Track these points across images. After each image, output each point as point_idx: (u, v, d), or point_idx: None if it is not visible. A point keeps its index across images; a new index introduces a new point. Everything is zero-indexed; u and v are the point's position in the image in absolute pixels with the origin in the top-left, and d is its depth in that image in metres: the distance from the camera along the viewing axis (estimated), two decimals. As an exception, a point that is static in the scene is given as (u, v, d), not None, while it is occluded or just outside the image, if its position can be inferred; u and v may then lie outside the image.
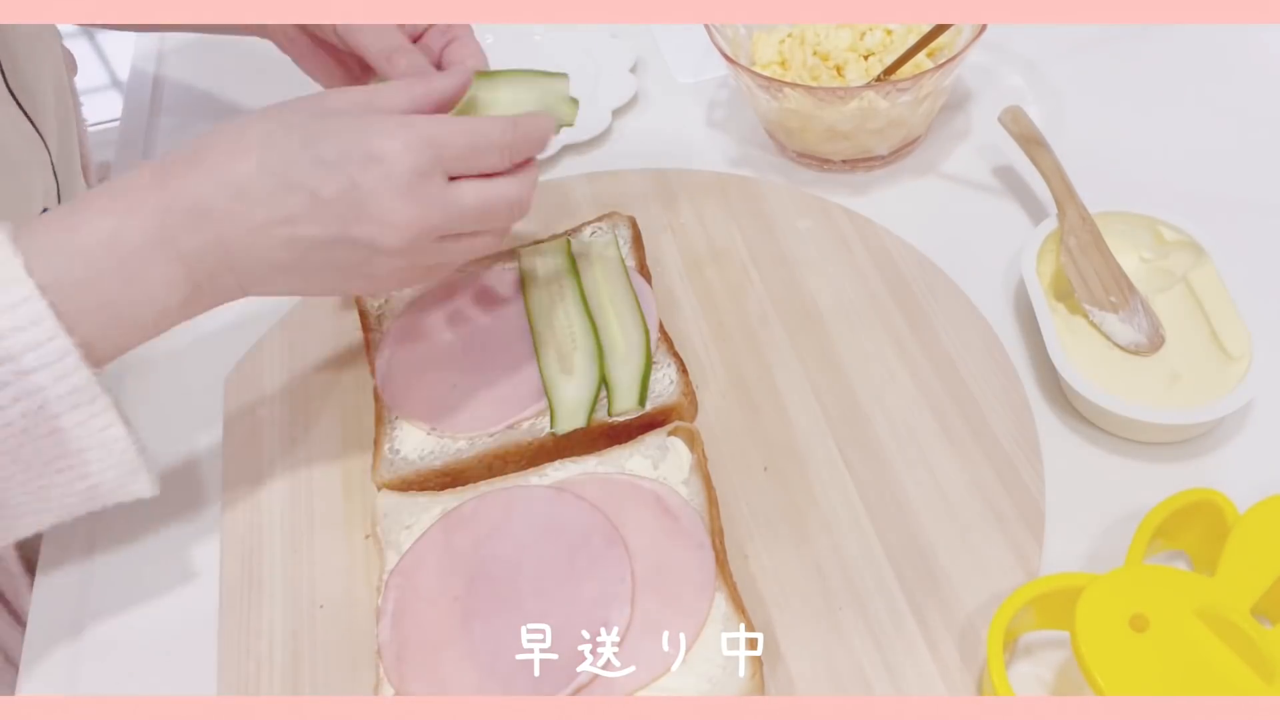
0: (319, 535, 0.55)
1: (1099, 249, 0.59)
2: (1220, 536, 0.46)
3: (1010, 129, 0.66)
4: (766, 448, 0.56)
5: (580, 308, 0.59)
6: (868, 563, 0.51)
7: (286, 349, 0.64)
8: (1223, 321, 0.55)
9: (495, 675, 0.47)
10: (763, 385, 0.58)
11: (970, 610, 0.49)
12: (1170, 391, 0.53)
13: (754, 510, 0.53)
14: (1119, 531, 0.51)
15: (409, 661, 0.48)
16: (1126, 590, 0.43)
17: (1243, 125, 0.70)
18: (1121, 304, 0.57)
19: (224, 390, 0.62)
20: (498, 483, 0.53)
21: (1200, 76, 0.73)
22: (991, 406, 0.56)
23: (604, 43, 0.81)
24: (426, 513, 0.52)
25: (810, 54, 0.69)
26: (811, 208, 0.67)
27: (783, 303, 0.62)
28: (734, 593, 0.48)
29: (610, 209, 0.66)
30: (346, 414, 0.60)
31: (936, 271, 0.62)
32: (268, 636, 0.52)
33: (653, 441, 0.54)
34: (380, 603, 0.50)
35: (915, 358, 0.58)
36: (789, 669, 0.48)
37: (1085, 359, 0.55)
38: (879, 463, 0.54)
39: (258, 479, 0.58)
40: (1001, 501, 0.52)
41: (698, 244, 0.66)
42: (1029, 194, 0.67)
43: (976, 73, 0.74)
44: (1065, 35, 0.77)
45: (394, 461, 0.55)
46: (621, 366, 0.56)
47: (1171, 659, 0.42)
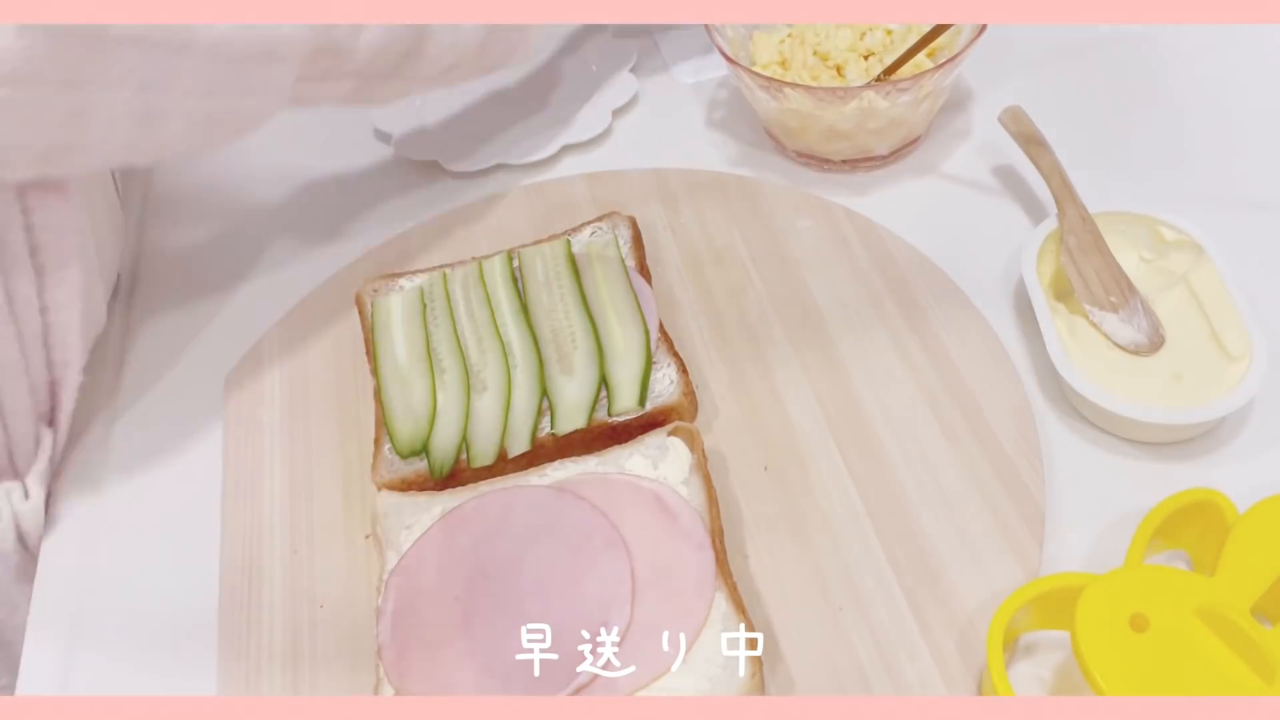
0: (319, 535, 0.55)
1: (1099, 249, 0.59)
2: (1220, 536, 0.46)
3: (1010, 129, 0.66)
4: (766, 448, 0.56)
5: (580, 308, 0.59)
6: (868, 563, 0.51)
7: (286, 349, 0.64)
8: (1223, 321, 0.55)
9: (495, 675, 0.47)
10: (763, 385, 0.58)
11: (970, 610, 0.49)
12: (1170, 391, 0.53)
13: (754, 510, 0.53)
14: (1119, 531, 0.50)
15: (409, 661, 0.48)
16: (1126, 590, 0.43)
17: (1243, 125, 0.70)
18: (1121, 304, 0.57)
19: (224, 390, 0.62)
20: (498, 483, 0.53)
21: (1201, 76, 0.73)
22: (991, 406, 0.56)
23: (604, 43, 0.81)
24: (426, 513, 0.52)
25: (810, 54, 0.69)
26: (811, 208, 0.67)
27: (783, 303, 0.62)
28: (734, 593, 0.48)
29: (610, 209, 0.66)
30: (346, 414, 0.60)
31: (936, 271, 0.62)
32: (268, 636, 0.52)
33: (653, 441, 0.54)
34: (380, 603, 0.50)
35: (915, 358, 0.58)
36: (789, 669, 0.48)
37: (1085, 359, 0.55)
38: (879, 463, 0.54)
39: (258, 479, 0.58)
40: (1001, 501, 0.52)
41: (698, 244, 0.66)
42: (1029, 194, 0.67)
43: (976, 73, 0.74)
44: (1065, 35, 0.77)
45: (394, 462, 0.55)
46: (621, 366, 0.56)
47: (1171, 659, 0.42)
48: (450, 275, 0.62)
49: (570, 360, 0.57)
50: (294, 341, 0.64)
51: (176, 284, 0.70)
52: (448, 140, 0.76)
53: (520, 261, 0.63)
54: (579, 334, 0.58)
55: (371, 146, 0.77)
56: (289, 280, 0.68)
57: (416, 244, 0.68)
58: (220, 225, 0.73)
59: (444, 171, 0.74)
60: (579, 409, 0.55)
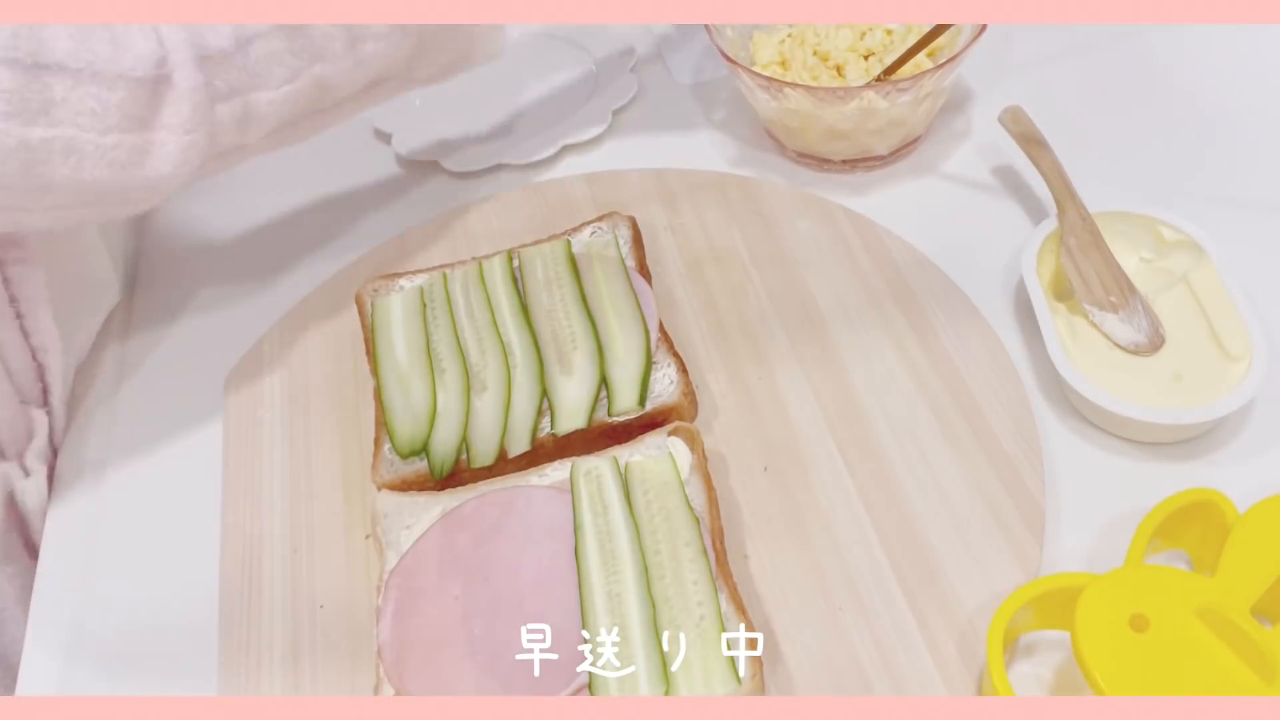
0: (319, 535, 0.55)
1: (1099, 249, 0.59)
2: (1220, 536, 0.46)
3: (1010, 129, 0.66)
4: (766, 448, 0.56)
5: (580, 308, 0.59)
6: (868, 563, 0.51)
7: (286, 349, 0.64)
8: (1223, 321, 0.55)
9: (495, 675, 0.47)
10: (763, 385, 0.58)
11: (970, 610, 0.49)
12: (1170, 391, 0.53)
13: (754, 510, 0.53)
14: (1119, 531, 0.50)
15: (409, 661, 0.48)
16: (1126, 590, 0.43)
17: (1242, 125, 0.70)
18: (1121, 304, 0.57)
19: (224, 390, 0.62)
20: (498, 483, 0.53)
21: (1201, 76, 0.73)
22: (991, 406, 0.56)
23: (604, 43, 0.81)
24: (426, 513, 0.52)
25: (810, 54, 0.69)
26: (811, 208, 0.67)
27: (783, 303, 0.62)
28: (734, 593, 0.48)
29: (610, 209, 0.66)
30: (346, 414, 0.60)
31: (936, 271, 0.62)
32: (268, 636, 0.52)
33: (653, 441, 0.54)
34: (380, 603, 0.50)
35: (915, 358, 0.58)
36: (789, 669, 0.48)
37: (1085, 359, 0.55)
38: (879, 463, 0.54)
39: (258, 479, 0.58)
40: (1001, 501, 0.52)
41: (698, 244, 0.66)
42: (1029, 194, 0.67)
43: (976, 73, 0.74)
44: (1065, 35, 0.77)
45: (394, 461, 0.55)
46: (621, 366, 0.56)
47: (1171, 659, 0.42)
48: (450, 276, 0.62)
49: (570, 360, 0.57)
50: (294, 341, 0.64)
51: (176, 284, 0.70)
52: (448, 140, 0.76)
53: (520, 262, 0.63)
54: (579, 334, 0.58)
55: (371, 146, 0.77)
56: (289, 280, 0.68)
57: (416, 244, 0.68)
58: (220, 225, 0.73)
59: (444, 171, 0.74)
60: (579, 409, 0.55)
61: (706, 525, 0.50)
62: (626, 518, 0.50)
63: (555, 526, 0.51)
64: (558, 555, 0.50)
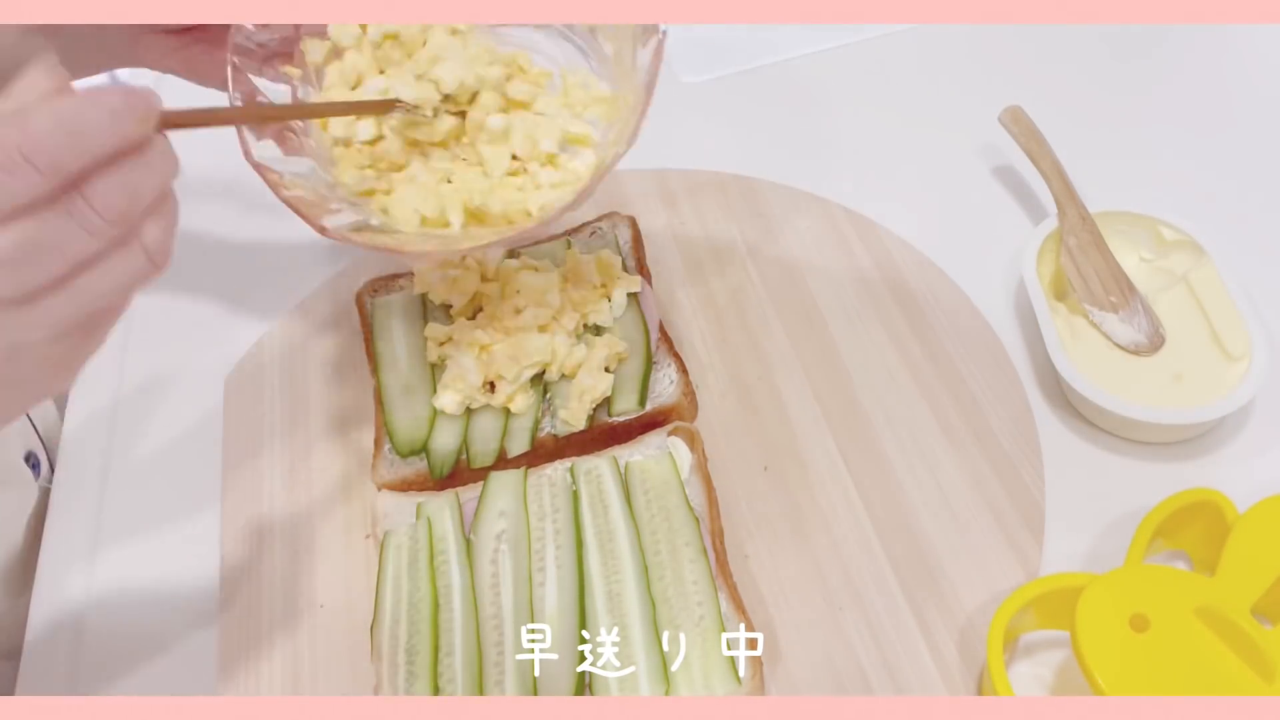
0: (319, 535, 0.55)
1: (1099, 249, 0.59)
2: (1220, 536, 0.46)
3: (1010, 129, 0.66)
4: (766, 448, 0.56)
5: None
6: (868, 563, 0.51)
7: (286, 349, 0.64)
8: (1223, 321, 0.55)
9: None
10: (763, 385, 0.58)
11: (970, 610, 0.49)
12: (1170, 391, 0.53)
13: (754, 510, 0.53)
14: (1119, 531, 0.51)
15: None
16: (1126, 590, 0.43)
17: (1243, 125, 0.70)
18: (1121, 304, 0.57)
19: (224, 390, 0.62)
20: (498, 483, 0.53)
21: (1200, 76, 0.73)
22: (991, 406, 0.56)
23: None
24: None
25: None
26: (811, 208, 0.67)
27: (783, 303, 0.62)
28: (734, 593, 0.48)
29: (610, 209, 0.66)
30: (346, 414, 0.60)
31: (936, 271, 0.62)
32: (268, 636, 0.52)
33: (653, 441, 0.53)
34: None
35: (915, 358, 0.58)
36: (789, 669, 0.48)
37: (1086, 359, 0.55)
38: (879, 463, 0.54)
39: (257, 479, 0.58)
40: (1001, 501, 0.52)
41: (698, 244, 0.66)
42: (1029, 194, 0.67)
43: (976, 73, 0.74)
44: (1065, 35, 0.77)
45: (394, 461, 0.55)
46: (622, 366, 0.56)
47: (1171, 659, 0.42)
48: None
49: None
50: (294, 341, 0.64)
51: (177, 284, 0.70)
52: (448, 140, 0.76)
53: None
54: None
55: (371, 146, 0.77)
56: (289, 280, 0.68)
57: (416, 244, 0.68)
58: (221, 225, 0.73)
59: (444, 171, 0.74)
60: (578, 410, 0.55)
61: (706, 525, 0.50)
62: (626, 518, 0.50)
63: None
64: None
